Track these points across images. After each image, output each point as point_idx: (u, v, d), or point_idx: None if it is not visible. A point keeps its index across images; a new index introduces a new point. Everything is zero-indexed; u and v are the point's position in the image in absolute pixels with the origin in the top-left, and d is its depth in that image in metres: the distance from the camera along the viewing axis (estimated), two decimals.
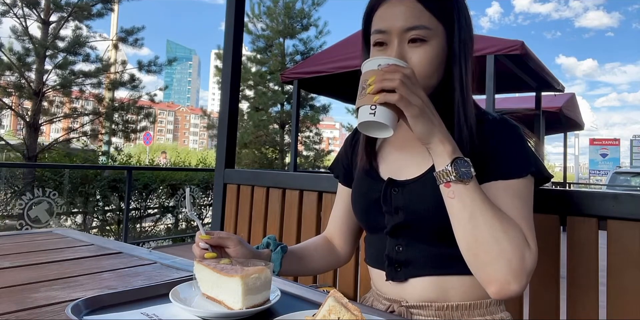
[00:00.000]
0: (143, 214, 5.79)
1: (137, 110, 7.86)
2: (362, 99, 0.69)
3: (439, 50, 0.79)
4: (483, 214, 0.69)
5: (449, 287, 0.81)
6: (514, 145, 0.79)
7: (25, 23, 6.80)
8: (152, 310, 0.63)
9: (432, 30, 0.77)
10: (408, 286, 0.83)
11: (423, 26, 0.77)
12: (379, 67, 0.69)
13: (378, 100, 0.66)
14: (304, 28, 10.80)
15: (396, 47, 0.78)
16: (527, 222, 0.74)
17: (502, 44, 4.12)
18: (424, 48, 0.77)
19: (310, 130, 11.53)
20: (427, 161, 0.82)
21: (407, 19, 0.77)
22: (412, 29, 0.77)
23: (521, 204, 0.75)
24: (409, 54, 0.78)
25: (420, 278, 0.82)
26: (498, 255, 0.68)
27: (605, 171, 22.78)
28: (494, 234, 0.69)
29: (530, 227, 0.74)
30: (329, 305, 0.52)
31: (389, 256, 0.85)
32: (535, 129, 6.00)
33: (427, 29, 0.77)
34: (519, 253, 0.68)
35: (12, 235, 1.29)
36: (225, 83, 1.99)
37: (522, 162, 0.78)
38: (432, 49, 0.78)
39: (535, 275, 1.05)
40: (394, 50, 0.77)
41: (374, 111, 0.66)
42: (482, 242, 0.69)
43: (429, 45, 0.77)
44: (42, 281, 0.81)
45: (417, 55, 0.77)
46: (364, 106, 0.68)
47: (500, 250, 0.68)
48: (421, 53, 0.77)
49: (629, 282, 0.91)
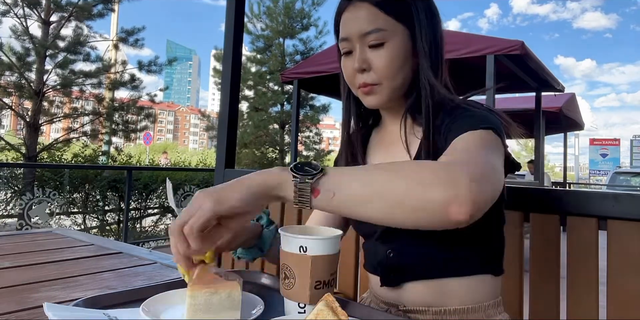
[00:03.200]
0: (143, 214, 5.79)
1: (137, 110, 7.86)
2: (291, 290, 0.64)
3: (399, 50, 0.79)
4: (365, 185, 0.56)
5: (445, 291, 0.80)
6: (470, 111, 0.76)
7: (26, 23, 6.80)
8: (115, 313, 0.60)
9: (389, 31, 0.78)
10: (404, 291, 0.83)
11: (378, 29, 0.78)
12: (300, 250, 0.63)
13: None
14: (304, 28, 10.81)
15: (358, 54, 0.80)
16: (466, 153, 0.64)
17: (502, 44, 4.12)
18: (383, 50, 0.79)
19: (310, 130, 11.53)
20: (409, 158, 0.82)
21: (362, 24, 0.79)
22: (368, 34, 0.78)
23: (472, 145, 0.67)
24: (370, 57, 0.80)
25: (415, 282, 0.82)
26: (412, 189, 0.54)
27: (605, 171, 22.77)
28: (389, 184, 0.56)
29: (478, 160, 0.61)
30: (317, 309, 0.52)
31: (381, 262, 0.85)
32: (535, 129, 5.99)
33: (382, 30, 0.78)
34: (436, 171, 0.55)
35: (12, 235, 1.29)
36: (225, 83, 1.98)
37: (476, 119, 0.73)
38: (391, 50, 0.79)
39: (535, 275, 1.05)
40: (356, 56, 0.80)
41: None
42: (387, 196, 0.55)
43: (388, 47, 0.79)
44: (42, 281, 0.81)
45: (377, 58, 0.79)
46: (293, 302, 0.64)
47: (407, 186, 0.55)
48: (381, 55, 0.79)
49: (629, 282, 0.91)
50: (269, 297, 0.70)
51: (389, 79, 0.80)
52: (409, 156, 0.82)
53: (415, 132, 0.84)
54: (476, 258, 0.82)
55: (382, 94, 0.81)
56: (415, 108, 0.83)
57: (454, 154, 0.65)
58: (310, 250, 0.63)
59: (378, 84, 0.80)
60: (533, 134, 6.10)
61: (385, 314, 0.69)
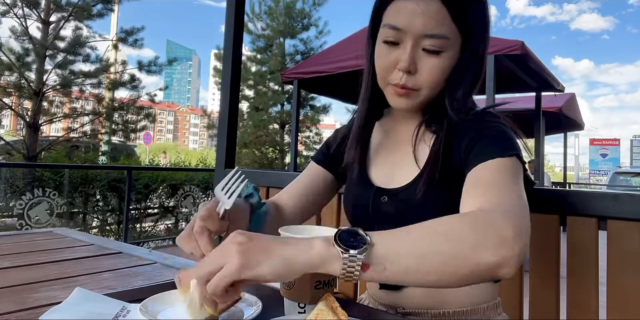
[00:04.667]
0: (143, 214, 5.79)
1: (137, 110, 7.87)
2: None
3: (452, 61, 0.74)
4: (416, 255, 0.53)
5: (443, 295, 0.80)
6: (492, 131, 0.73)
7: (25, 23, 6.80)
8: (132, 307, 0.63)
9: (451, 40, 0.72)
10: (402, 294, 0.82)
11: (443, 36, 0.71)
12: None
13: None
14: (305, 28, 10.81)
15: (409, 51, 0.72)
16: (505, 195, 0.63)
17: (502, 44, 4.12)
18: (438, 59, 0.73)
19: (310, 130, 11.54)
20: (415, 166, 0.79)
21: (429, 23, 0.70)
22: (430, 37, 0.71)
23: (500, 178, 0.66)
24: (421, 61, 0.73)
25: (414, 287, 0.80)
26: (458, 259, 0.53)
27: (605, 171, 22.78)
28: (439, 248, 0.53)
29: (509, 200, 0.63)
30: (317, 309, 0.52)
31: None
32: (535, 129, 5.99)
33: (446, 39, 0.72)
34: (482, 229, 0.54)
35: (12, 235, 1.29)
36: (225, 83, 1.98)
37: (501, 144, 0.70)
38: (446, 60, 0.73)
39: (535, 275, 1.05)
40: (407, 54, 0.72)
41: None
42: (443, 268, 0.53)
43: (444, 57, 0.73)
44: (42, 281, 0.81)
45: (429, 65, 0.73)
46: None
47: (454, 253, 0.53)
48: (434, 63, 0.73)
49: (629, 282, 0.91)
50: (269, 297, 0.70)
51: (431, 88, 0.75)
52: (416, 162, 0.79)
53: (426, 139, 0.81)
54: None
55: (416, 99, 0.77)
56: (434, 117, 0.80)
57: (486, 194, 0.63)
58: None
59: (417, 89, 0.75)
60: (533, 134, 6.10)
61: (385, 314, 0.69)
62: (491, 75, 4.06)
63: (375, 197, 0.82)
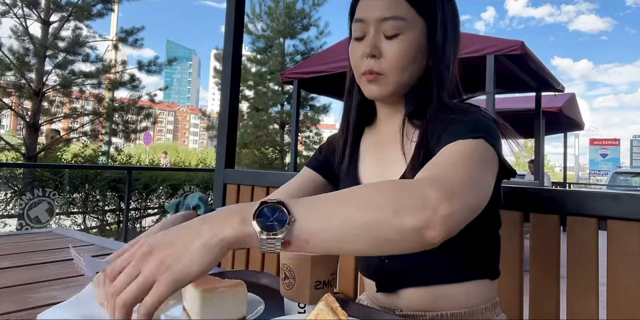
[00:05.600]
0: (143, 214, 5.79)
1: (137, 111, 7.86)
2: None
3: (413, 43, 0.77)
4: (338, 227, 0.51)
5: (441, 296, 0.80)
6: (463, 117, 0.73)
7: (25, 23, 6.79)
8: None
9: (408, 22, 0.76)
10: (400, 296, 0.82)
11: (398, 17, 0.76)
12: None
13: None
14: (305, 28, 10.81)
15: (371, 38, 0.77)
16: (451, 169, 0.60)
17: (502, 44, 4.13)
18: (397, 40, 0.76)
19: (310, 130, 11.53)
20: (404, 163, 0.80)
21: (382, 8, 0.76)
22: (387, 19, 0.76)
23: (455, 157, 0.64)
24: (383, 45, 0.77)
25: (411, 288, 0.81)
26: (383, 223, 0.51)
27: (605, 171, 22.79)
28: (361, 219, 0.51)
29: (455, 174, 0.59)
30: (317, 309, 0.52)
31: (376, 268, 0.85)
32: (535, 129, 5.99)
33: (402, 19, 0.76)
34: (409, 203, 0.52)
35: (12, 235, 1.29)
36: (225, 83, 1.98)
37: (469, 128, 0.69)
38: (406, 42, 0.77)
39: (535, 275, 1.05)
40: (369, 40, 0.77)
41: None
42: (359, 231, 0.51)
43: (404, 38, 0.76)
44: (42, 281, 0.81)
45: (390, 47, 0.77)
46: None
47: (378, 218, 0.51)
48: (394, 45, 0.76)
49: (629, 282, 0.91)
50: (269, 297, 0.70)
51: (397, 71, 0.77)
52: (405, 159, 0.81)
53: (411, 134, 0.82)
54: (472, 264, 0.81)
55: (386, 85, 0.79)
56: (415, 111, 0.81)
57: (432, 170, 0.61)
58: None
59: (384, 74, 0.78)
60: (533, 134, 6.10)
61: (385, 314, 0.69)
62: (491, 75, 4.06)
63: None
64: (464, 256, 0.80)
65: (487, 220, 0.81)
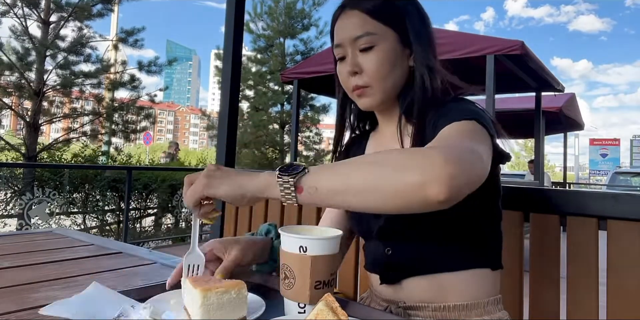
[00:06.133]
0: (143, 214, 5.79)
1: (137, 111, 7.86)
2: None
3: (388, 53, 0.83)
4: (344, 177, 0.59)
5: (444, 286, 0.81)
6: (455, 105, 0.79)
7: (25, 23, 6.79)
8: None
9: (378, 35, 0.82)
10: (403, 287, 0.84)
11: (367, 33, 0.82)
12: (300, 250, 0.64)
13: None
14: (305, 28, 10.80)
15: (350, 58, 0.84)
16: (448, 140, 0.67)
17: (502, 44, 4.12)
18: (372, 53, 0.82)
19: (310, 130, 11.52)
20: None
21: (353, 29, 0.83)
22: (358, 38, 0.82)
23: (454, 133, 0.69)
24: (360, 61, 0.83)
25: (414, 278, 0.83)
26: (388, 174, 0.57)
27: (605, 171, 22.80)
28: (369, 175, 0.58)
29: (456, 144, 0.64)
30: (317, 309, 0.52)
31: (380, 260, 0.87)
32: (535, 129, 5.99)
33: (371, 34, 0.82)
34: (412, 159, 0.57)
35: (12, 235, 1.29)
36: (225, 83, 1.98)
37: (461, 113, 0.74)
38: (381, 53, 0.82)
39: (535, 275, 1.05)
40: (349, 59, 0.84)
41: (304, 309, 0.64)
42: (368, 186, 0.58)
43: (377, 50, 0.82)
44: (42, 281, 0.81)
45: (368, 60, 0.83)
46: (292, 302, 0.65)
47: (382, 173, 0.57)
48: (371, 58, 0.82)
49: (629, 282, 0.91)
50: (269, 297, 0.70)
51: (379, 80, 0.83)
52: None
53: (409, 132, 0.85)
54: (473, 252, 0.83)
55: (374, 95, 0.84)
56: (409, 110, 0.84)
57: (434, 143, 0.67)
58: (310, 250, 0.63)
59: (369, 86, 0.83)
60: (533, 134, 6.10)
61: (385, 314, 0.69)
62: (491, 75, 4.06)
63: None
64: (466, 245, 0.82)
65: (486, 209, 0.84)
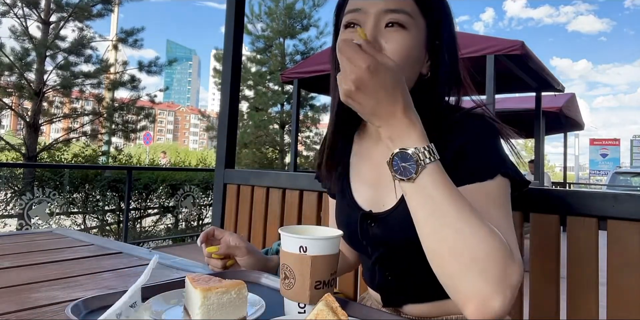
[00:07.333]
0: (143, 214, 5.79)
1: (137, 111, 7.86)
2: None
3: (416, 42, 0.70)
4: (444, 215, 0.57)
5: (446, 309, 0.78)
6: (486, 144, 0.69)
7: (25, 23, 6.80)
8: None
9: (414, 19, 0.69)
10: (405, 308, 0.81)
11: (405, 11, 0.68)
12: (300, 250, 0.63)
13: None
14: (304, 28, 10.80)
15: (371, 28, 0.67)
16: (508, 231, 0.63)
17: (502, 44, 4.13)
18: (402, 34, 0.68)
19: (310, 130, 11.53)
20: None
21: (388, 1, 0.68)
22: (392, 12, 0.67)
23: (498, 211, 0.64)
24: (384, 36, 0.68)
25: (416, 304, 0.79)
26: (470, 264, 0.55)
27: (605, 171, 22.80)
28: (463, 239, 0.56)
29: (512, 238, 0.62)
30: (317, 309, 0.52)
31: (381, 284, 0.83)
32: (535, 129, 5.99)
33: (408, 15, 0.68)
34: (499, 262, 0.55)
35: (12, 235, 1.29)
36: (225, 83, 1.98)
37: (493, 161, 0.68)
38: (410, 38, 0.68)
39: (535, 275, 1.05)
40: (369, 31, 0.67)
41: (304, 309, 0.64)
42: (447, 249, 0.57)
43: (408, 33, 0.68)
44: (42, 281, 0.81)
45: (394, 39, 0.67)
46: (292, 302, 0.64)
47: (471, 258, 0.55)
48: (398, 38, 0.67)
49: (629, 282, 0.91)
50: (269, 297, 0.70)
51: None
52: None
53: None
54: None
55: None
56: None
57: (502, 233, 0.60)
58: (310, 250, 0.63)
59: None
60: (533, 134, 6.10)
61: (385, 314, 0.69)
62: (491, 75, 4.06)
63: (362, 221, 0.79)
64: None
65: None
